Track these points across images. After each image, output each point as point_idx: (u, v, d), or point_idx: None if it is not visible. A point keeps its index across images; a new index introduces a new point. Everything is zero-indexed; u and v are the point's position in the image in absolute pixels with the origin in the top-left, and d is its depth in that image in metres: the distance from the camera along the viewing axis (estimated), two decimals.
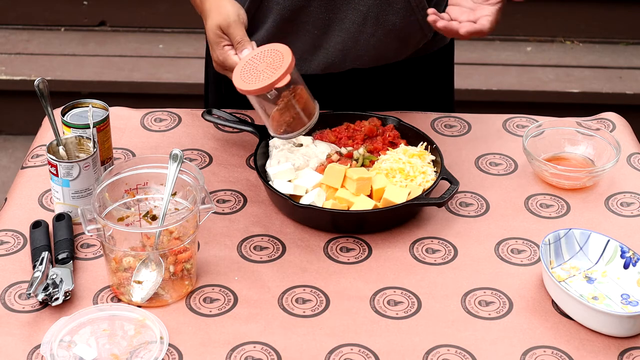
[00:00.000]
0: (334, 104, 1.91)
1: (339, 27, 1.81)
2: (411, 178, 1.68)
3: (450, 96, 2.13)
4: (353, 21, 1.80)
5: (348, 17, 1.80)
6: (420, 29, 1.84)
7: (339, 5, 1.79)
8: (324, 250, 1.62)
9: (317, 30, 1.82)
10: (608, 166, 1.75)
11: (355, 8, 1.79)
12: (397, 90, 2.00)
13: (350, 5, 1.78)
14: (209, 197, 1.50)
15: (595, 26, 3.82)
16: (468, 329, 1.47)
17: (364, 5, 1.78)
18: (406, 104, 1.98)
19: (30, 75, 3.60)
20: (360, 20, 1.80)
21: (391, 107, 1.94)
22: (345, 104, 1.92)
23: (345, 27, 1.81)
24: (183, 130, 1.90)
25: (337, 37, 1.82)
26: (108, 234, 1.47)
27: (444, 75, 2.08)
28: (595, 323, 1.45)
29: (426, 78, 2.02)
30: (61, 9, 3.82)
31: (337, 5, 1.79)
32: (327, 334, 1.46)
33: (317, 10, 1.79)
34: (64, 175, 1.61)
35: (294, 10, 1.80)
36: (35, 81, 1.65)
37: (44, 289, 1.48)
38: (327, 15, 1.80)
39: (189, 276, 1.52)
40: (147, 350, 1.41)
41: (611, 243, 1.56)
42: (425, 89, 2.03)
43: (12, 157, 3.64)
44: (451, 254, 1.62)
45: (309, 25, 1.81)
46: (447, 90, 2.11)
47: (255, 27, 1.86)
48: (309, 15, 1.80)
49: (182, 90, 3.60)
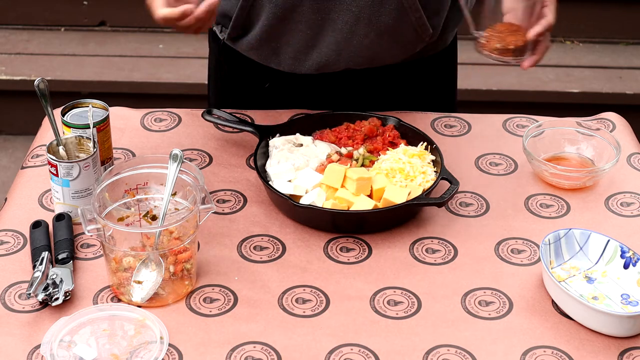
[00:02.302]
0: (332, 104, 1.91)
1: (332, 27, 1.81)
2: (411, 178, 1.68)
3: (453, 97, 2.12)
4: (345, 21, 1.80)
5: (340, 18, 1.80)
6: (414, 31, 1.84)
7: (331, 5, 1.79)
8: (324, 250, 1.62)
9: (310, 30, 1.82)
10: (608, 166, 1.75)
11: (347, 9, 1.79)
12: (398, 90, 2.00)
13: (343, 5, 1.78)
14: (209, 197, 1.50)
15: (595, 26, 3.82)
16: (468, 329, 1.47)
17: (356, 6, 1.78)
18: (407, 104, 1.98)
19: (30, 75, 3.60)
20: (352, 21, 1.80)
21: (392, 107, 1.94)
22: (345, 104, 1.92)
23: (338, 28, 1.81)
24: (183, 130, 1.90)
25: (330, 37, 1.82)
26: (108, 234, 1.47)
27: (446, 76, 2.08)
28: (595, 323, 1.45)
29: (428, 79, 2.02)
30: (61, 9, 3.82)
31: (330, 6, 1.79)
32: (327, 334, 1.46)
33: (309, 10, 1.79)
34: (64, 175, 1.61)
35: (286, 9, 1.80)
36: (35, 81, 1.65)
37: (44, 289, 1.48)
38: (319, 16, 1.80)
39: (189, 276, 1.52)
40: (147, 350, 1.41)
41: (611, 243, 1.56)
42: (427, 89, 2.03)
43: (12, 157, 3.64)
44: (451, 254, 1.62)
45: (302, 24, 1.82)
46: (449, 91, 2.11)
47: (249, 24, 1.86)
48: (302, 14, 1.80)
49: (182, 90, 3.60)
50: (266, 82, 1.98)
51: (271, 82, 1.97)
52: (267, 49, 1.89)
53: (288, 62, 1.89)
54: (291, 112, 1.94)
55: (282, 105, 1.95)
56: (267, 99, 1.98)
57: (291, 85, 1.97)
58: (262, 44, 1.88)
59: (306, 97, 1.96)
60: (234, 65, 1.99)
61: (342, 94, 1.96)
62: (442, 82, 2.07)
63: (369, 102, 1.94)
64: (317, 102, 1.94)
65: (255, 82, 2.00)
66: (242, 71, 1.99)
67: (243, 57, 1.95)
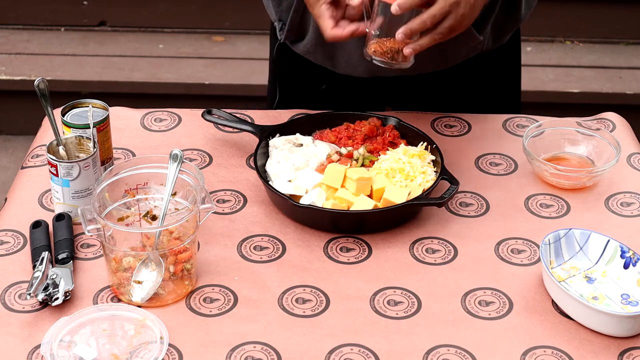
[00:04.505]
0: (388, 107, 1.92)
1: None
2: (411, 178, 1.68)
3: (517, 96, 2.10)
4: None
5: None
6: (462, 39, 1.81)
7: None
8: (324, 250, 1.62)
9: (358, 39, 1.82)
10: (608, 166, 1.74)
11: None
12: (456, 91, 1.99)
13: None
14: (209, 197, 1.50)
15: (595, 26, 3.82)
16: (468, 329, 1.47)
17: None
18: (466, 104, 1.98)
19: (30, 75, 3.60)
20: None
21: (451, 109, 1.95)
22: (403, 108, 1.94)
23: None
24: (183, 130, 1.90)
25: None
26: (108, 234, 1.47)
27: (506, 75, 2.06)
28: (595, 323, 1.45)
29: (486, 78, 2.00)
30: (61, 9, 3.82)
31: None
32: (327, 334, 1.46)
33: None
34: (64, 175, 1.61)
35: None
36: (35, 81, 1.65)
37: (44, 289, 1.48)
38: None
39: (189, 276, 1.52)
40: (147, 350, 1.41)
41: (611, 243, 1.56)
42: (485, 89, 2.02)
43: (12, 157, 3.64)
44: (451, 254, 1.62)
45: None
46: (511, 91, 2.08)
47: (303, 29, 1.89)
48: None
49: (182, 90, 3.60)
50: (323, 84, 1.99)
51: (328, 84, 1.99)
52: (322, 52, 1.91)
53: (343, 65, 1.92)
54: (291, 112, 1.94)
55: (339, 107, 1.94)
56: (324, 100, 1.98)
57: (347, 88, 1.98)
58: (317, 49, 1.91)
59: (363, 99, 1.96)
60: (291, 63, 2.01)
61: (400, 97, 1.97)
62: (501, 82, 2.05)
63: (427, 105, 1.95)
64: (373, 104, 1.94)
65: (313, 82, 2.01)
66: (300, 70, 2.01)
67: (301, 57, 1.96)
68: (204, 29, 3.83)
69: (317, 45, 1.90)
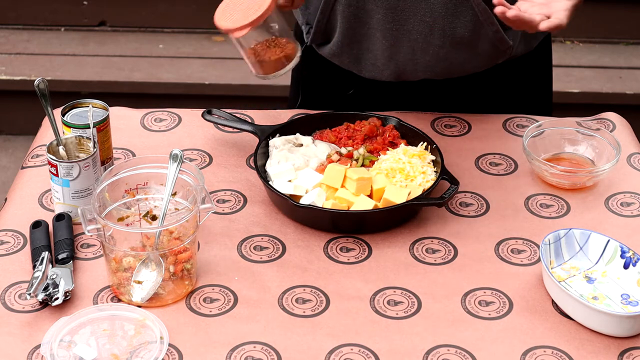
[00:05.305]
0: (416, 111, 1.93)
1: (407, 37, 1.82)
2: (411, 178, 1.68)
3: (548, 100, 2.09)
4: (420, 32, 1.80)
5: (415, 28, 1.80)
6: (493, 44, 1.83)
7: (405, 16, 1.79)
8: (324, 250, 1.62)
9: (386, 40, 1.82)
10: (608, 166, 1.74)
11: (421, 19, 1.79)
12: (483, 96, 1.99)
13: (417, 17, 1.79)
14: (209, 197, 1.50)
15: (595, 26, 3.82)
16: (468, 329, 1.47)
17: (430, 17, 1.78)
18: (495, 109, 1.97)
19: (30, 75, 3.60)
20: (427, 31, 1.80)
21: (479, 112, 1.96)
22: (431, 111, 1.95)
23: (413, 38, 1.82)
24: (183, 130, 1.90)
25: (406, 47, 1.83)
26: (108, 234, 1.47)
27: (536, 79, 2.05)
28: (595, 323, 1.45)
29: (515, 82, 2.00)
30: (61, 9, 3.82)
31: (403, 17, 1.80)
32: (327, 334, 1.46)
33: (383, 21, 1.80)
34: (64, 175, 1.61)
35: (359, 21, 1.82)
36: (35, 81, 1.65)
37: (44, 289, 1.48)
38: (394, 26, 1.81)
39: (189, 276, 1.52)
40: (147, 350, 1.41)
41: (611, 243, 1.56)
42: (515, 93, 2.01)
43: (12, 157, 3.64)
44: (451, 254, 1.62)
45: (379, 33, 1.82)
46: (542, 95, 2.07)
47: (330, 31, 1.89)
48: (376, 26, 1.82)
49: (182, 90, 3.60)
50: (349, 88, 1.99)
51: (354, 89, 1.98)
52: (348, 55, 1.91)
53: (369, 69, 1.91)
54: (291, 112, 1.94)
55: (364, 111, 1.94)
56: (347, 105, 1.97)
57: (373, 92, 1.97)
58: (344, 51, 1.90)
59: (389, 104, 1.96)
60: (317, 68, 2.00)
61: (427, 101, 1.97)
62: (531, 86, 2.04)
63: (454, 109, 1.95)
64: (397, 109, 1.93)
65: (336, 87, 2.01)
66: (325, 74, 2.00)
67: (326, 61, 1.96)
68: (204, 29, 3.82)
69: (343, 47, 1.89)
